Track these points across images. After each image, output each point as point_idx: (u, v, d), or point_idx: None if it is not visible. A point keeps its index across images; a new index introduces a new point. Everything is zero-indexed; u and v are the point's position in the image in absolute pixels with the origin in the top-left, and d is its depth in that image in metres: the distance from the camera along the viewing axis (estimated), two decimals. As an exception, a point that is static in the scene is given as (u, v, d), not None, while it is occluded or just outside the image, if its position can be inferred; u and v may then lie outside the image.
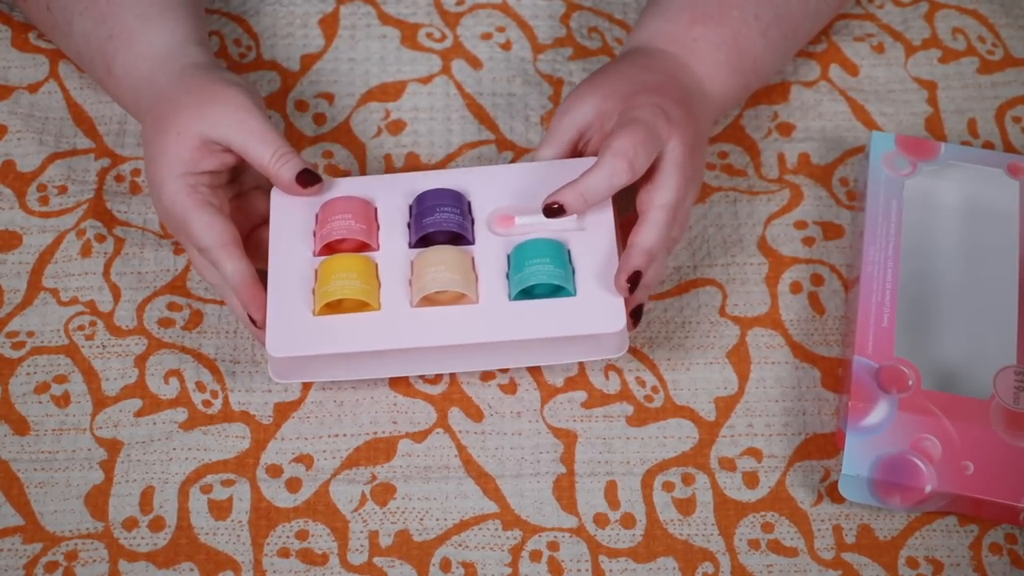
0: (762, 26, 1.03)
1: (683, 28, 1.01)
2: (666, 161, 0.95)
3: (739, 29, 1.02)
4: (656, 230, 0.94)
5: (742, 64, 1.03)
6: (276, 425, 0.98)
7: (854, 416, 0.94)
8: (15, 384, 0.99)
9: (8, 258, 1.03)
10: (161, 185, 0.96)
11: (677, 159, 0.95)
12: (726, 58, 1.02)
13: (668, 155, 0.95)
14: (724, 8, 1.02)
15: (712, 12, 1.02)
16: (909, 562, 0.94)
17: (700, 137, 0.98)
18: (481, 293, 0.94)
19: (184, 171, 0.95)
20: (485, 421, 0.98)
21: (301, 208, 0.97)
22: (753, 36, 1.03)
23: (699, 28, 1.01)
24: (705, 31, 1.01)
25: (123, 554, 0.93)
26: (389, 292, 0.94)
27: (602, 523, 0.95)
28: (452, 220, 0.95)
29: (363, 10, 1.15)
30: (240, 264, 0.94)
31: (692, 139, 0.96)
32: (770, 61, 1.05)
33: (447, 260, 0.93)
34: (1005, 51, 1.14)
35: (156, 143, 0.96)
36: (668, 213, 0.94)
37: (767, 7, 1.03)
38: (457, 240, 0.96)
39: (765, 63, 1.04)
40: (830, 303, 1.03)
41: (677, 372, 1.00)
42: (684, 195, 0.95)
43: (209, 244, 0.94)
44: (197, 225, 0.94)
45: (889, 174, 1.04)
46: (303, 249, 0.96)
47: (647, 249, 0.93)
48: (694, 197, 0.98)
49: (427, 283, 0.93)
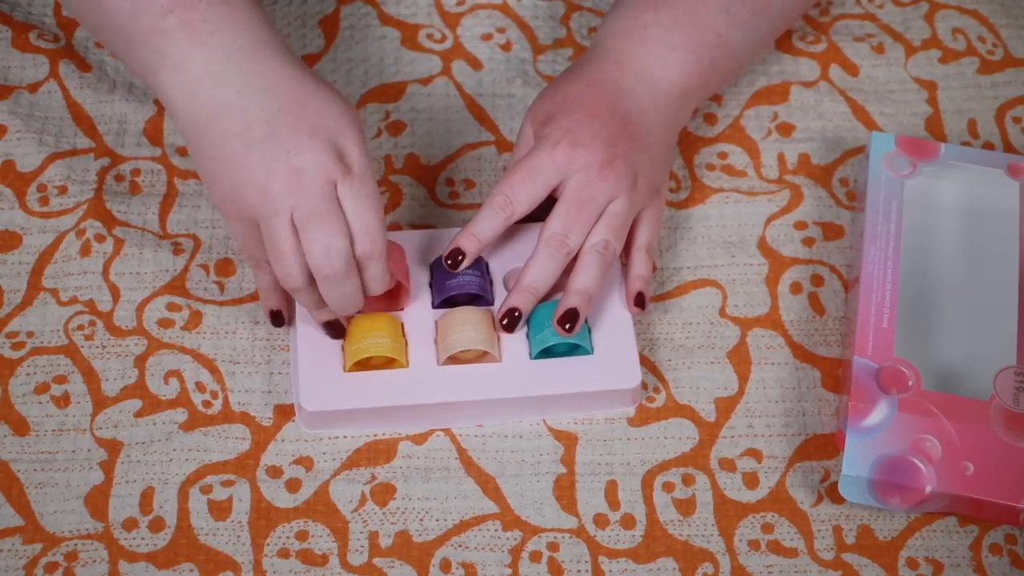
0: (724, 2, 1.02)
1: (634, 19, 1.02)
2: (561, 193, 0.97)
3: (696, 8, 1.01)
4: (541, 262, 0.97)
5: (702, 40, 1.02)
6: (276, 426, 0.98)
7: (854, 416, 0.94)
8: (15, 384, 0.99)
9: (8, 258, 1.03)
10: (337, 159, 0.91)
11: (572, 189, 0.97)
12: (681, 39, 1.01)
13: (566, 185, 0.97)
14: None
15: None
16: (909, 563, 0.94)
17: (627, 147, 0.98)
18: (503, 352, 0.97)
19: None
20: (485, 423, 0.98)
21: None
22: (713, 13, 1.02)
23: (650, 15, 1.01)
24: (657, 16, 1.01)
25: (123, 554, 0.93)
26: (416, 350, 0.97)
27: (602, 524, 0.95)
28: (473, 283, 0.99)
29: (363, 10, 1.15)
30: None
31: (603, 157, 0.97)
32: (738, 37, 1.03)
33: (471, 320, 0.97)
34: (1005, 51, 1.14)
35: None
36: (553, 244, 0.96)
37: None
38: (477, 300, 0.99)
39: (732, 39, 1.03)
40: (830, 303, 1.03)
41: (677, 372, 1.00)
42: (570, 226, 0.96)
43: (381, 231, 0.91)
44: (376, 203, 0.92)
45: (889, 174, 1.04)
46: None
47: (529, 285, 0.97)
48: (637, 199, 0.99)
49: (453, 343, 0.96)
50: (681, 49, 1.01)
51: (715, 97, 1.12)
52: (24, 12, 1.13)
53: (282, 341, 1.01)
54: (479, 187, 1.08)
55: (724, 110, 1.11)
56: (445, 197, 1.07)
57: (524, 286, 0.97)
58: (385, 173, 1.08)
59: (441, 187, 1.08)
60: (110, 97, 1.10)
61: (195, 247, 1.04)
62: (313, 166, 0.90)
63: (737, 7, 1.02)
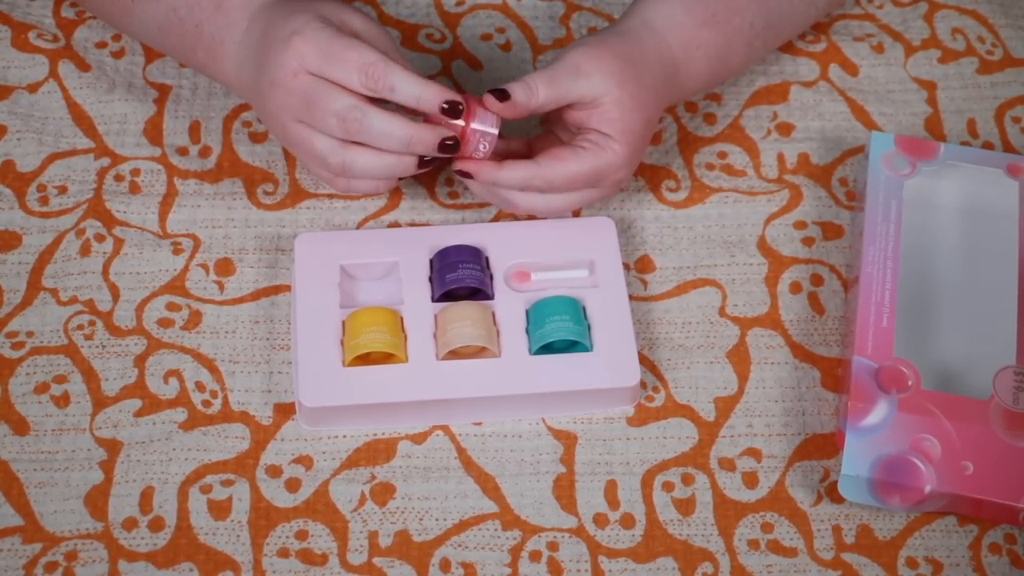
0: (752, 36, 1.04)
1: (694, 27, 1.02)
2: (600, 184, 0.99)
3: (733, 38, 1.03)
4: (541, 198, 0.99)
5: (723, 70, 1.05)
6: (276, 426, 0.98)
7: (854, 416, 0.94)
8: (15, 384, 0.99)
9: (8, 258, 1.03)
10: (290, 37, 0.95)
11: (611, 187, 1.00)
12: (716, 66, 1.04)
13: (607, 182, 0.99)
14: (730, 13, 1.02)
15: (720, 16, 1.02)
16: (908, 562, 0.94)
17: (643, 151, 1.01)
18: (502, 347, 0.97)
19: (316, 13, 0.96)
20: (485, 423, 0.98)
21: (326, 259, 1.01)
22: (741, 46, 1.04)
23: (707, 32, 1.02)
24: (711, 36, 1.02)
25: (123, 554, 0.93)
26: (415, 345, 0.98)
27: (602, 523, 0.95)
28: (473, 277, 0.99)
29: (363, 11, 1.15)
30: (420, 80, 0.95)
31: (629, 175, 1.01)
32: (741, 66, 1.06)
33: (471, 315, 0.97)
34: (1005, 51, 1.14)
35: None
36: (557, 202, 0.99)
37: (762, 15, 1.04)
38: (476, 294, 0.99)
39: (737, 68, 1.06)
40: (830, 303, 1.03)
41: (677, 372, 1.00)
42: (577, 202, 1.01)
43: (375, 57, 0.94)
44: (352, 44, 0.94)
45: (889, 174, 1.04)
46: (330, 300, 0.99)
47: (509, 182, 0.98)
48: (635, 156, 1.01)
49: (452, 338, 0.97)
50: (709, 77, 1.04)
51: (715, 97, 1.12)
52: (23, 12, 1.13)
53: (282, 341, 1.01)
54: (479, 187, 1.08)
55: (724, 110, 1.11)
56: (445, 197, 1.07)
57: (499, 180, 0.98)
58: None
59: (441, 187, 1.08)
60: (109, 97, 1.10)
61: (195, 247, 1.04)
62: (278, 71, 0.95)
63: (758, 41, 1.05)
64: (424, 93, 0.94)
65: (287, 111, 0.96)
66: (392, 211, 1.06)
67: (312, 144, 0.96)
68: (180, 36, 1.02)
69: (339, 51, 0.94)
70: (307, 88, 0.95)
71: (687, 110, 1.11)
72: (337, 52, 0.94)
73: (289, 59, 0.95)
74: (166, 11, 1.02)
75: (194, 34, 1.01)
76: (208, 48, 1.01)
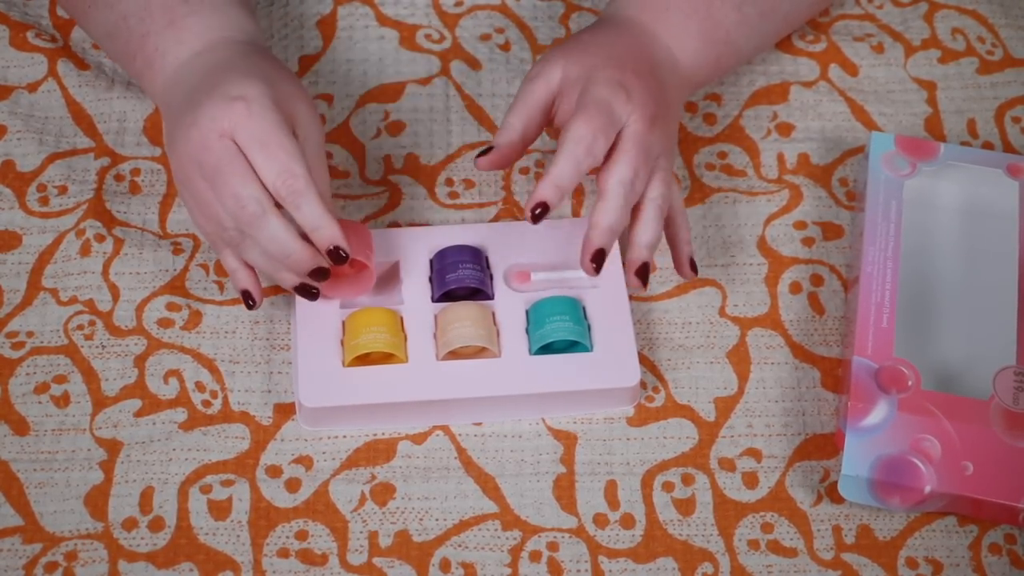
0: (736, 0, 1.03)
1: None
2: (623, 139, 0.96)
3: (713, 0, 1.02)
4: (615, 207, 0.95)
5: (714, 35, 1.03)
6: (276, 426, 0.98)
7: (854, 416, 0.94)
8: (15, 384, 0.99)
9: (8, 258, 1.03)
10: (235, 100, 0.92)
11: (634, 136, 0.96)
12: (697, 28, 1.02)
13: (626, 133, 0.96)
14: None
15: None
16: (908, 562, 0.94)
17: (665, 109, 0.98)
18: (502, 347, 0.98)
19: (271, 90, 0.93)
20: (485, 423, 0.98)
21: None
22: (727, 9, 1.02)
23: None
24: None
25: (123, 554, 0.93)
26: (415, 345, 0.98)
27: (602, 523, 0.95)
28: (473, 277, 0.99)
29: (361, 11, 1.15)
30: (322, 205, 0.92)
31: (653, 112, 0.97)
32: (744, 37, 1.04)
33: (471, 315, 0.98)
34: (1005, 51, 1.14)
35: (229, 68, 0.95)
36: (625, 188, 0.95)
37: None
38: (476, 294, 0.99)
39: (738, 38, 1.04)
40: (830, 303, 1.03)
41: (677, 372, 1.00)
42: (637, 171, 0.95)
43: (300, 171, 0.91)
44: (287, 144, 0.91)
45: (889, 174, 1.04)
46: (330, 300, 0.99)
47: (608, 227, 0.95)
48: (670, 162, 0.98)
49: (452, 338, 0.97)
50: (696, 39, 1.02)
51: (715, 97, 1.12)
52: (21, 11, 1.13)
53: (282, 341, 1.01)
54: (479, 187, 1.08)
55: (724, 110, 1.11)
56: (444, 197, 1.07)
57: (603, 228, 0.95)
58: (385, 173, 1.08)
59: (441, 187, 1.08)
60: (109, 95, 1.10)
61: (195, 247, 1.04)
62: (207, 122, 0.92)
63: (748, 7, 1.03)
64: (322, 229, 0.92)
65: (195, 164, 0.93)
66: (392, 211, 1.06)
67: (216, 210, 0.94)
68: (125, 43, 1.01)
69: (273, 143, 0.91)
70: (224, 156, 0.92)
71: (687, 110, 1.11)
72: (271, 143, 0.91)
73: (223, 119, 0.92)
74: (116, 19, 1.01)
75: (139, 43, 1.00)
76: (148, 58, 1.00)
